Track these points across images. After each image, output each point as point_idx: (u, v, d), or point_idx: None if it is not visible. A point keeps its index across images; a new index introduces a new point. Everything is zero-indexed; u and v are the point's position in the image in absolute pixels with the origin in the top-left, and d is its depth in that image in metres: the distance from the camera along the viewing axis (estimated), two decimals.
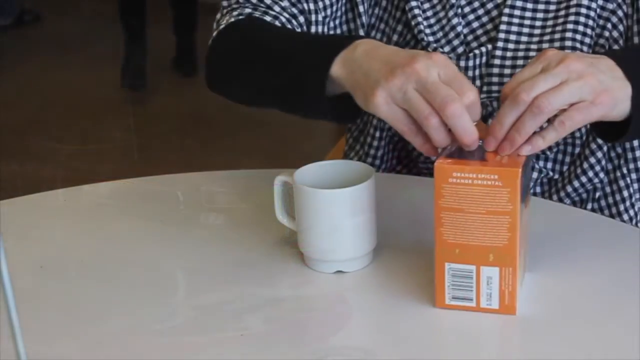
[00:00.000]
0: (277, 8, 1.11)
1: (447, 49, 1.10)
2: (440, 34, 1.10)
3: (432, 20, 1.11)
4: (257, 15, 1.10)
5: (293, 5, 1.11)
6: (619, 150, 1.11)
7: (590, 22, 1.05)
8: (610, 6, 1.05)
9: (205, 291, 0.93)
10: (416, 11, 1.10)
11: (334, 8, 1.13)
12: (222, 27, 1.12)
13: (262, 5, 1.12)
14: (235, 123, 3.43)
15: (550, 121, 0.83)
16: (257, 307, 0.89)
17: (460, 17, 1.09)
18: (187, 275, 0.96)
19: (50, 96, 3.78)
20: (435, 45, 1.10)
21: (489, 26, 1.09)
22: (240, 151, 3.19)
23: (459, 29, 1.09)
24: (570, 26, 1.05)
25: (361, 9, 1.13)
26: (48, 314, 0.90)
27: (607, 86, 0.83)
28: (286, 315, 0.89)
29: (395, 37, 1.13)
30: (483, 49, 1.08)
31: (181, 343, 0.84)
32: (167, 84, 3.88)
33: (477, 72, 1.09)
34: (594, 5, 1.05)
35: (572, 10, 1.05)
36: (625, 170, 1.11)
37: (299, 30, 1.11)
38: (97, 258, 1.00)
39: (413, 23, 1.10)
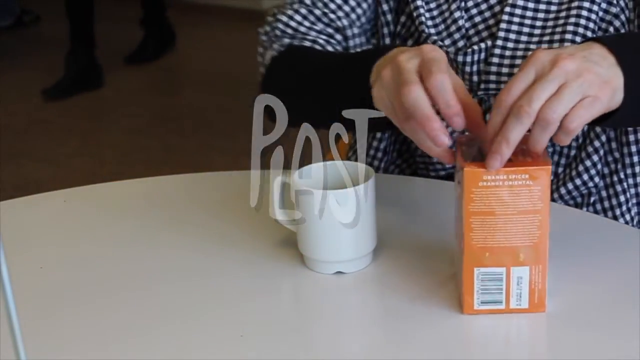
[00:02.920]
0: (313, 33, 1.13)
1: (447, 42, 1.10)
2: (442, 26, 1.10)
3: (435, 12, 1.11)
4: (296, 44, 1.12)
5: (328, 25, 1.13)
6: (617, 154, 1.10)
7: (591, 25, 1.05)
8: (614, 10, 1.05)
9: (203, 291, 0.93)
10: (419, 2, 1.10)
11: (364, 20, 1.15)
12: (267, 63, 1.15)
13: (299, 33, 1.14)
14: (235, 123, 3.43)
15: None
16: (256, 308, 0.89)
17: (463, 11, 1.09)
18: (187, 276, 0.96)
19: (37, 96, 3.77)
20: (436, 37, 1.10)
21: (491, 21, 1.09)
22: (239, 152, 3.19)
23: (461, 22, 1.09)
24: (570, 28, 1.05)
25: (384, 18, 1.15)
26: (48, 314, 0.90)
27: (605, 78, 0.82)
28: (286, 316, 0.89)
29: (397, 28, 1.14)
30: (482, 45, 1.08)
31: (179, 343, 0.84)
32: (167, 85, 3.88)
33: (475, 68, 1.09)
34: (595, 8, 1.05)
35: (573, 12, 1.05)
36: (622, 175, 1.10)
37: (338, 48, 1.13)
38: (97, 259, 1.00)
39: (415, 14, 1.11)
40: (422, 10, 1.10)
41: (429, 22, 1.10)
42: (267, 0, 4.60)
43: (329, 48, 1.13)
